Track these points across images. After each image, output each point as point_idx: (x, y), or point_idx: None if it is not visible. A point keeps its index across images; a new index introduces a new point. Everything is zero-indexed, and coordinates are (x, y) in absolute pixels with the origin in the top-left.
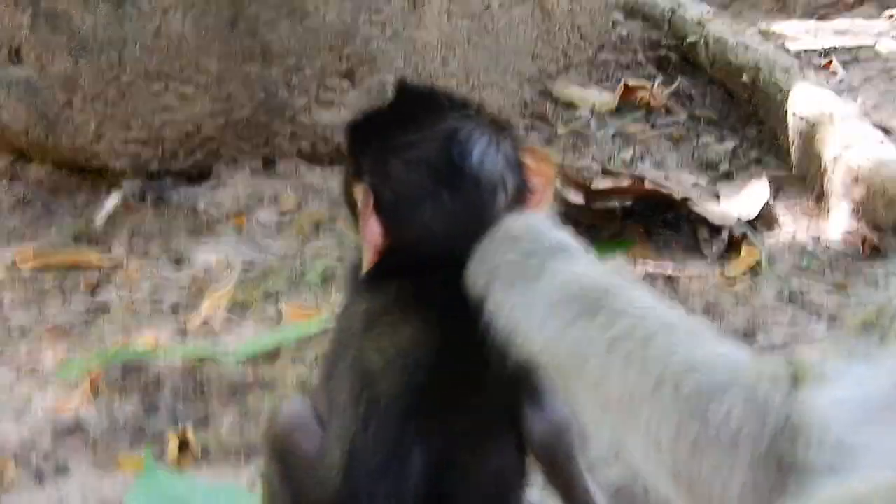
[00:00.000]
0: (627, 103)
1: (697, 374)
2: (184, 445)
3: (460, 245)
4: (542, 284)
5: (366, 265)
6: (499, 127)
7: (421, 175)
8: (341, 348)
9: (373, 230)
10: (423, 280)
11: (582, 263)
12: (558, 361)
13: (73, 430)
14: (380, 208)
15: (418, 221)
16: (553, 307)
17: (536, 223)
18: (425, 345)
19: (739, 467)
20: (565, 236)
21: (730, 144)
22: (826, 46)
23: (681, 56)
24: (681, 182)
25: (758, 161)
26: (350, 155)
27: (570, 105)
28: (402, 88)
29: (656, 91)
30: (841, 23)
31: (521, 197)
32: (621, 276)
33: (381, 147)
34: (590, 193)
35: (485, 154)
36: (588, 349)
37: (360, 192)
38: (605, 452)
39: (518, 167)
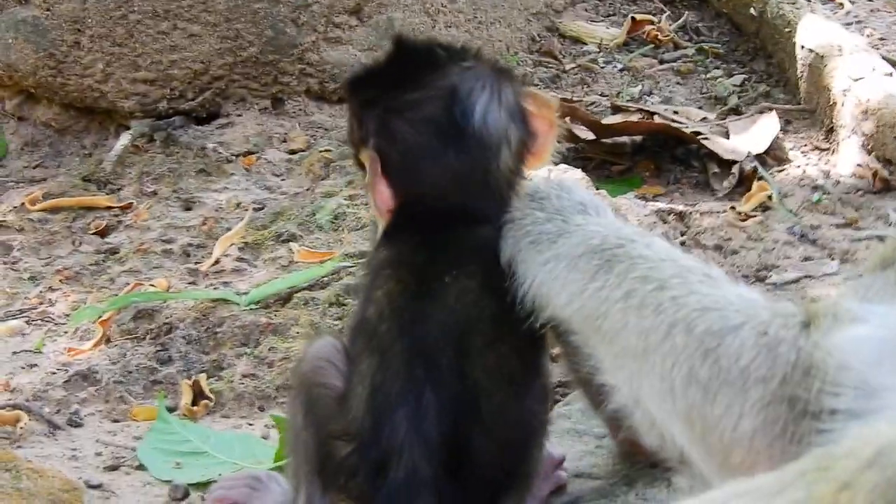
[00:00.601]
0: (635, 38)
1: (709, 315)
2: (197, 394)
3: (466, 200)
4: (565, 240)
5: (381, 227)
6: (500, 74)
7: (425, 136)
8: (359, 293)
9: (382, 194)
10: (425, 235)
11: (602, 218)
12: (580, 317)
13: (86, 378)
14: (387, 170)
15: (424, 181)
16: (574, 262)
17: (561, 184)
18: (411, 296)
19: (750, 408)
20: (588, 194)
21: (738, 78)
22: None
23: None
24: (690, 117)
25: (766, 95)
26: (354, 118)
27: (577, 40)
28: (399, 44)
29: (664, 25)
30: None
31: (525, 146)
32: (639, 229)
33: (383, 109)
34: (599, 129)
35: (487, 111)
36: (606, 301)
37: (366, 156)
38: (625, 404)
39: (521, 116)
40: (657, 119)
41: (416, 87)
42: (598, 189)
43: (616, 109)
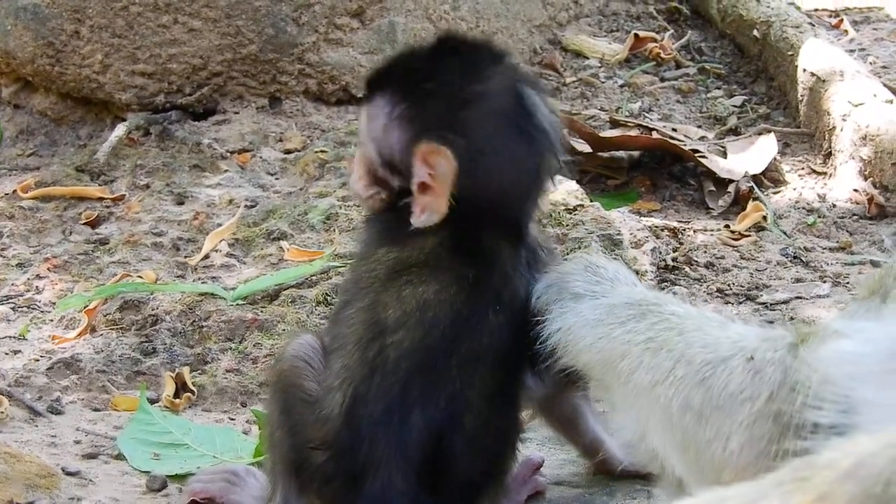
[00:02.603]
0: (637, 55)
1: (707, 349)
2: (180, 387)
3: (513, 203)
4: (607, 296)
5: (425, 222)
6: (530, 76)
7: (499, 126)
8: (358, 291)
9: (447, 193)
10: (463, 235)
11: (641, 287)
12: (601, 357)
13: (69, 366)
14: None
15: (492, 172)
16: (611, 309)
17: (619, 265)
18: (449, 304)
19: (738, 426)
20: (629, 272)
21: (738, 99)
22: (837, 6)
23: (692, 9)
24: (688, 135)
25: (766, 117)
26: (404, 113)
27: (579, 54)
28: (448, 38)
29: (666, 43)
30: None
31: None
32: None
33: (449, 100)
34: (597, 142)
35: (544, 105)
36: (629, 343)
37: (431, 149)
38: (632, 440)
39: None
40: (655, 135)
41: (480, 78)
42: (592, 202)
43: (615, 124)
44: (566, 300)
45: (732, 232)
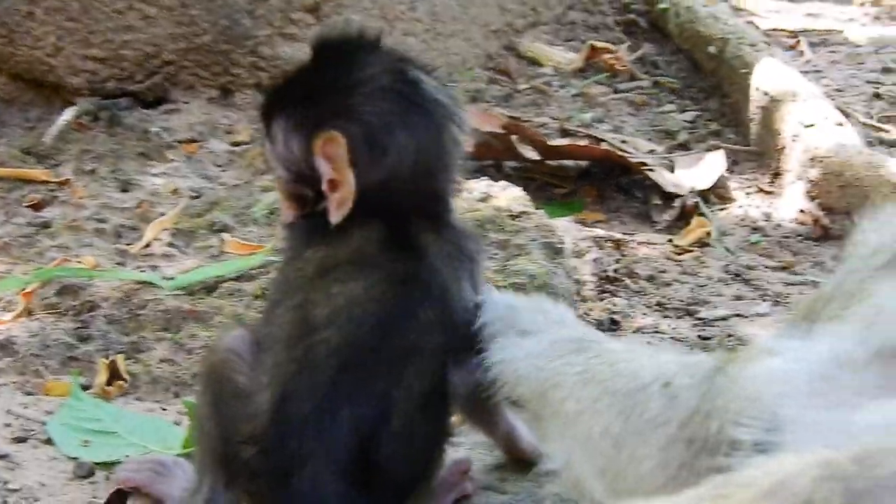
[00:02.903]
0: (592, 65)
1: (630, 378)
2: (113, 374)
3: (431, 169)
4: (552, 332)
5: (341, 215)
6: (414, 58)
7: (390, 102)
8: (288, 290)
9: (350, 178)
10: (389, 230)
11: (587, 329)
12: (536, 387)
13: (3, 349)
14: (352, 151)
15: (392, 149)
16: (552, 344)
17: (567, 311)
18: (378, 300)
19: (650, 450)
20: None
21: (690, 115)
22: (795, 27)
23: (650, 22)
24: (637, 148)
25: (717, 133)
26: (297, 108)
27: (534, 62)
28: (323, 40)
29: (622, 55)
30: (812, 5)
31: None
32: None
33: (336, 90)
34: (545, 150)
35: (430, 78)
36: (563, 374)
37: (324, 140)
38: (559, 468)
39: None
40: (604, 146)
41: (359, 66)
42: (536, 209)
43: (565, 133)
44: (511, 335)
45: (676, 246)
